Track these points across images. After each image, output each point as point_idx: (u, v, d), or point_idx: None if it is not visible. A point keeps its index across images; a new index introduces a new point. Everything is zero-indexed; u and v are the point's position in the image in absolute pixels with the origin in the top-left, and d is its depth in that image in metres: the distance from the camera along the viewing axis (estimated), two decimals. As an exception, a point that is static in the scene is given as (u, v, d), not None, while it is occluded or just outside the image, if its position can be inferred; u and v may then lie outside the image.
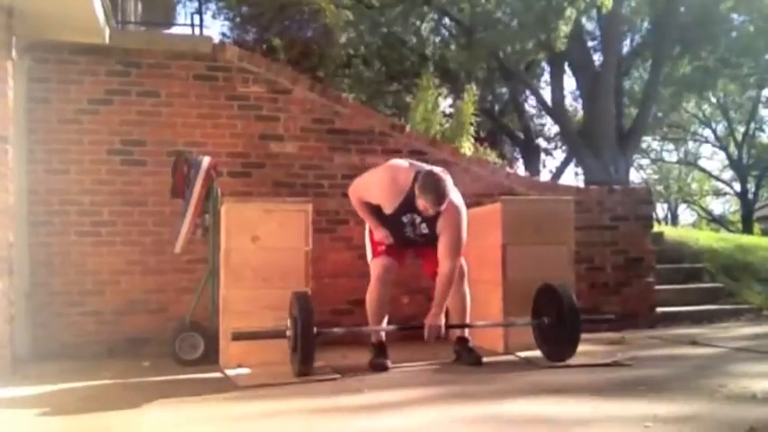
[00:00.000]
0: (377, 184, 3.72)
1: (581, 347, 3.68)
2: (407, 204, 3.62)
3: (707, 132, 25.32)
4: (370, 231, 3.88)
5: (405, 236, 3.76)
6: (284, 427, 2.56)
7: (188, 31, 8.42)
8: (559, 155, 20.30)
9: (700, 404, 2.68)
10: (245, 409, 2.82)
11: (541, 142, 19.88)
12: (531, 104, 18.60)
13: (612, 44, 13.04)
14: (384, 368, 3.62)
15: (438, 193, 3.48)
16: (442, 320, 3.61)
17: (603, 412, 2.60)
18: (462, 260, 3.78)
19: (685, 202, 31.24)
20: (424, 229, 3.69)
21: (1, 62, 3.76)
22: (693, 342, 4.41)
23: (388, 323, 3.79)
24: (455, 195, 3.65)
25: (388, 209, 3.70)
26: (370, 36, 13.06)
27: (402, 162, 3.82)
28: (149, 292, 4.51)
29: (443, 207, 3.53)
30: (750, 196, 23.58)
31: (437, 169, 3.63)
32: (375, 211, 3.78)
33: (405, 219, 3.68)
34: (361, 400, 2.95)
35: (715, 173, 27.95)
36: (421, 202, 3.53)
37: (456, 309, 3.83)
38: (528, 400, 2.87)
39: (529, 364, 3.76)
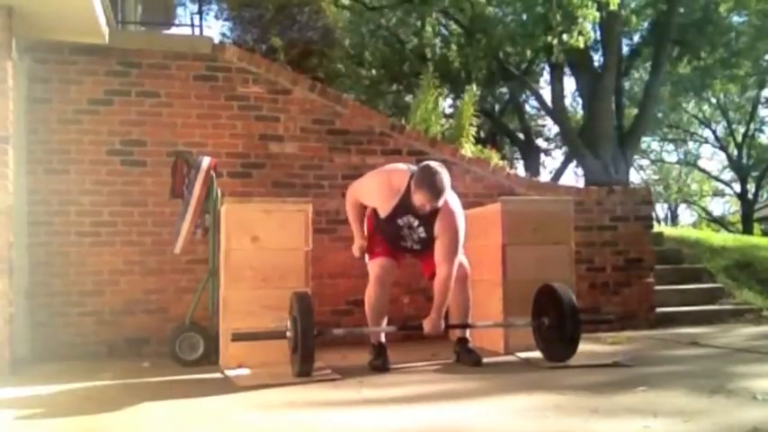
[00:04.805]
0: (372, 186, 3.72)
1: (581, 348, 3.68)
2: (403, 206, 3.59)
3: (707, 133, 25.37)
4: (369, 233, 3.86)
5: (403, 243, 3.74)
6: (284, 427, 2.55)
7: (188, 31, 8.45)
8: (559, 155, 20.37)
9: (700, 405, 2.68)
10: (244, 410, 2.82)
11: (541, 143, 19.95)
12: (531, 105, 18.64)
13: (612, 44, 13.03)
14: (384, 369, 3.61)
15: (435, 187, 3.41)
16: (442, 325, 3.59)
17: (604, 413, 2.60)
18: (465, 262, 3.78)
19: (685, 202, 31.24)
20: (421, 233, 3.66)
21: (1, 62, 3.76)
22: (694, 342, 4.41)
23: (388, 324, 3.78)
24: (452, 197, 3.62)
25: (383, 211, 3.67)
26: (370, 37, 13.06)
27: (400, 165, 3.81)
28: (149, 293, 4.52)
29: (441, 203, 3.49)
30: (750, 197, 23.58)
31: (434, 163, 3.57)
32: (373, 215, 3.77)
33: (401, 221, 3.65)
34: (360, 401, 2.95)
35: (715, 173, 28.00)
36: (417, 198, 3.46)
37: (458, 310, 3.80)
38: (527, 400, 2.86)
39: (529, 364, 3.76)
